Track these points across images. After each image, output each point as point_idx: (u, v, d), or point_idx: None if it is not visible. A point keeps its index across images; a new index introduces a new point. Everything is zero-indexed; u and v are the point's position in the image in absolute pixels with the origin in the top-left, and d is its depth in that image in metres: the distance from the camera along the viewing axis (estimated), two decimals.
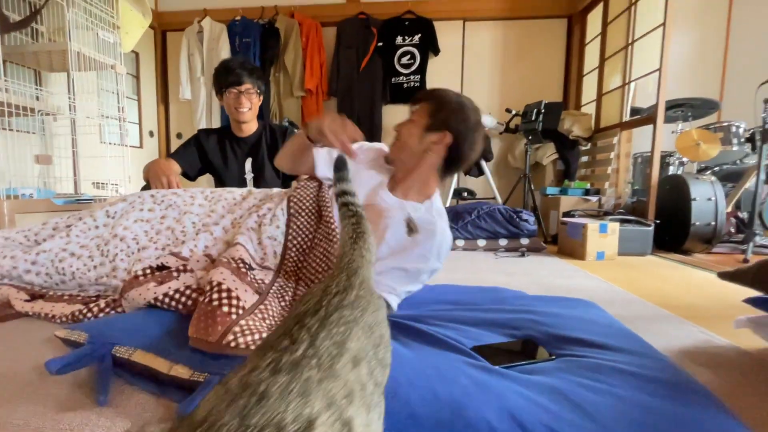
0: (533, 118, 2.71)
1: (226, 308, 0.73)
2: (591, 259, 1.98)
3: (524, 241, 2.21)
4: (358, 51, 3.42)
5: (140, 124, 3.62)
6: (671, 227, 2.23)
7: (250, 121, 1.72)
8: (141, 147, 3.62)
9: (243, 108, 1.62)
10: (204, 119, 3.61)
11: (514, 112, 2.98)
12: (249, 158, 1.76)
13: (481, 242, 2.24)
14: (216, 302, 0.74)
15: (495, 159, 3.45)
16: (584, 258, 1.98)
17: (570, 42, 3.37)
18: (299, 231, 1.03)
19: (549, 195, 2.78)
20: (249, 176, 1.77)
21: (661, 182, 2.35)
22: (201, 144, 1.73)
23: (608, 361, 0.72)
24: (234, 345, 0.67)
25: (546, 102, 2.70)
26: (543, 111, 2.69)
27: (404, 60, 3.42)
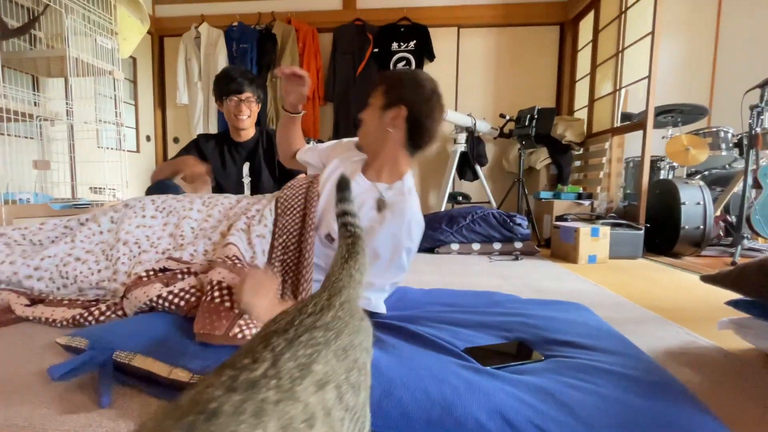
0: (527, 124, 2.75)
1: (228, 304, 0.79)
2: (583, 263, 2.01)
3: (518, 245, 2.25)
4: (355, 57, 3.46)
5: (137, 129, 3.63)
6: (662, 231, 2.27)
7: (249, 128, 1.77)
8: (138, 151, 3.63)
9: (243, 115, 1.67)
10: (201, 124, 3.62)
11: (508, 118, 3.02)
12: (246, 162, 1.80)
13: (476, 246, 2.27)
14: (218, 299, 0.79)
15: (489, 163, 3.49)
16: (576, 261, 2.02)
17: (562, 49, 3.43)
18: (285, 229, 1.06)
19: (542, 199, 2.81)
20: (246, 180, 1.80)
21: (652, 187, 2.39)
22: (200, 148, 1.77)
23: (595, 362, 0.75)
24: (241, 336, 0.72)
25: (539, 108, 2.75)
26: (536, 116, 2.74)
27: (400, 66, 3.45)
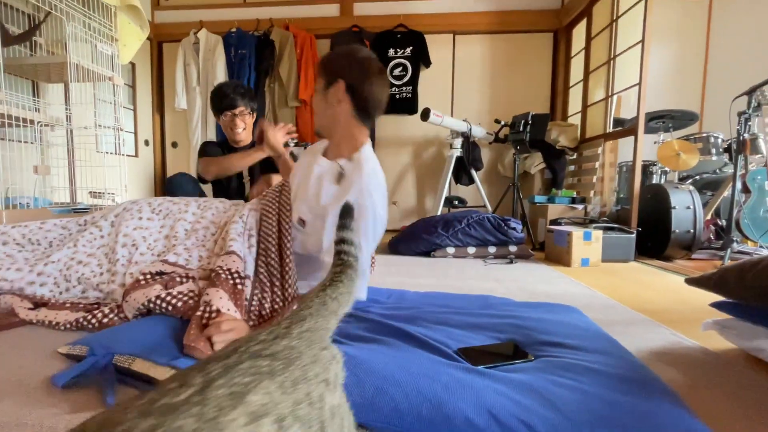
0: (521, 129, 2.79)
1: (207, 314, 0.88)
2: (576, 266, 2.05)
3: (513, 249, 2.28)
4: None
5: (135, 133, 3.66)
6: (653, 234, 2.31)
7: (246, 138, 1.90)
8: (136, 156, 3.65)
9: (238, 129, 1.81)
10: (199, 128, 3.66)
11: (503, 123, 3.07)
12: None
13: (471, 249, 2.30)
14: (205, 320, 0.86)
15: (485, 168, 3.54)
16: (570, 265, 2.05)
17: (556, 55, 3.49)
18: (265, 234, 1.12)
19: (537, 203, 2.85)
20: (246, 179, 1.93)
21: (643, 191, 2.43)
22: (210, 153, 1.89)
23: (581, 361, 0.78)
24: None
25: (533, 113, 2.79)
26: (530, 122, 2.78)
27: (396, 72, 3.50)
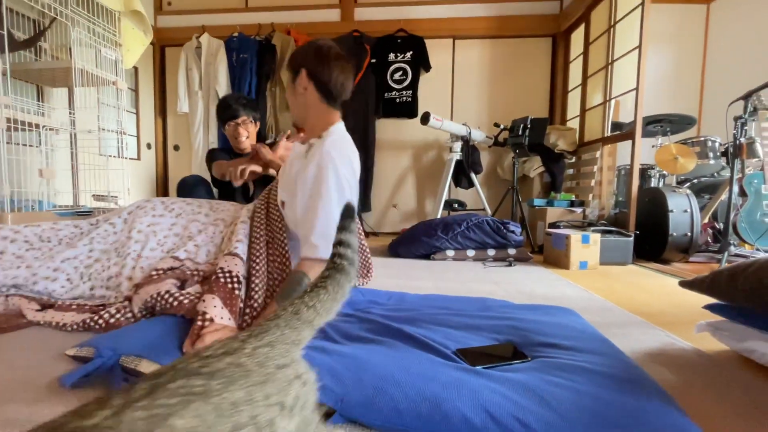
0: (520, 133, 2.82)
1: (200, 322, 0.90)
2: (574, 269, 2.07)
3: (511, 252, 2.30)
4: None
5: (138, 137, 3.69)
6: (651, 237, 2.33)
7: (248, 147, 1.95)
8: (138, 159, 3.68)
9: (241, 137, 1.88)
10: (201, 132, 3.69)
11: (502, 127, 3.09)
12: None
13: (470, 252, 2.32)
14: (198, 330, 0.89)
15: (484, 171, 3.56)
16: (568, 267, 2.07)
17: (555, 60, 3.52)
18: (254, 236, 1.16)
19: (536, 206, 2.87)
20: (251, 183, 1.97)
21: (641, 195, 2.46)
22: (217, 158, 1.95)
23: (576, 362, 0.80)
24: None
25: (532, 118, 2.82)
26: (529, 126, 2.81)
27: (397, 76, 3.54)
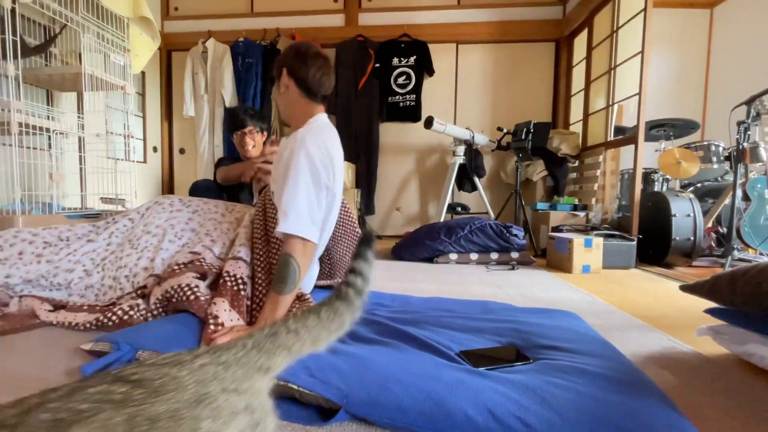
0: (523, 137, 2.83)
1: (212, 327, 0.94)
2: (577, 273, 2.08)
3: (514, 255, 2.31)
4: (356, 71, 3.57)
5: (144, 140, 3.73)
6: (654, 242, 2.34)
7: (255, 155, 2.01)
8: (145, 162, 3.72)
9: (248, 146, 1.94)
10: (207, 135, 3.73)
11: (506, 131, 3.11)
12: None
13: (474, 256, 2.33)
14: (211, 332, 0.93)
15: (487, 175, 3.58)
16: (571, 271, 2.08)
17: (558, 64, 3.53)
18: (254, 238, 1.22)
19: (539, 210, 2.88)
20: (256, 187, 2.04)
21: (644, 199, 2.46)
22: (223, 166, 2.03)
23: (577, 364, 0.82)
24: None
25: (535, 122, 2.84)
26: (532, 130, 2.82)
27: (400, 80, 3.57)
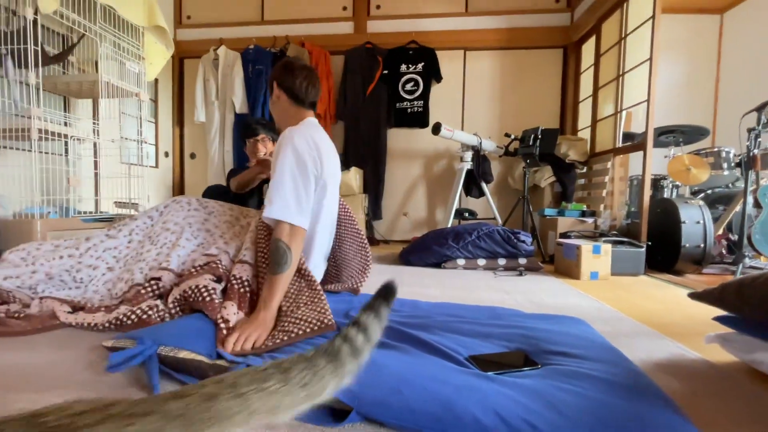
0: (531, 143, 2.84)
1: (225, 331, 1.00)
2: (585, 279, 2.07)
3: (522, 261, 2.31)
4: (365, 78, 3.61)
5: (156, 145, 3.81)
6: (663, 248, 2.32)
7: None
8: (156, 167, 3.79)
9: (260, 153, 2.01)
10: (217, 140, 3.79)
11: (513, 137, 3.12)
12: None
13: (481, 261, 2.34)
14: (224, 329, 0.98)
15: (495, 181, 3.58)
16: (579, 278, 2.08)
17: (566, 71, 3.54)
18: (259, 243, 1.27)
19: (547, 216, 2.88)
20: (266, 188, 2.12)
21: (653, 205, 2.45)
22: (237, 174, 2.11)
23: (584, 369, 0.82)
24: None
25: (542, 128, 2.84)
26: (540, 136, 2.83)
27: (408, 86, 3.60)
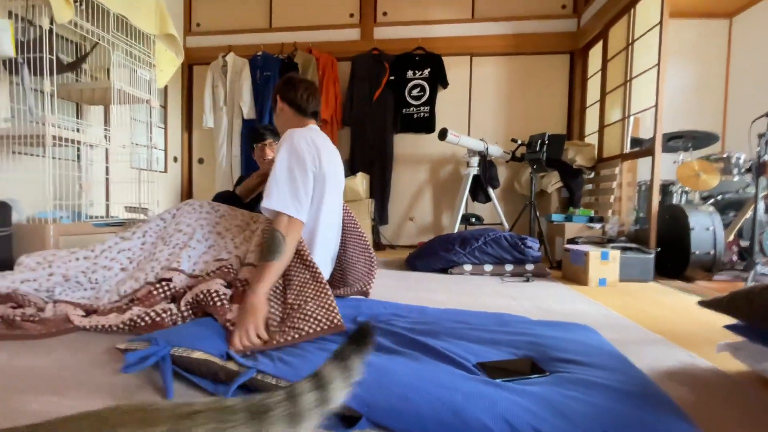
0: (537, 149, 2.84)
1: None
2: (593, 285, 2.06)
3: (529, 267, 2.30)
4: (371, 84, 3.64)
5: (165, 151, 3.86)
6: (673, 255, 2.30)
7: None
8: (165, 172, 3.84)
9: (268, 157, 2.03)
10: (225, 145, 3.83)
11: (520, 142, 3.12)
12: None
13: (488, 267, 2.33)
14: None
15: (502, 186, 3.58)
16: (587, 284, 2.06)
17: (573, 76, 3.54)
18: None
19: (554, 222, 2.87)
20: None
21: (662, 212, 2.43)
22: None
23: (592, 377, 0.82)
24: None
25: (549, 134, 2.84)
26: (547, 142, 2.82)
27: (415, 92, 3.62)
